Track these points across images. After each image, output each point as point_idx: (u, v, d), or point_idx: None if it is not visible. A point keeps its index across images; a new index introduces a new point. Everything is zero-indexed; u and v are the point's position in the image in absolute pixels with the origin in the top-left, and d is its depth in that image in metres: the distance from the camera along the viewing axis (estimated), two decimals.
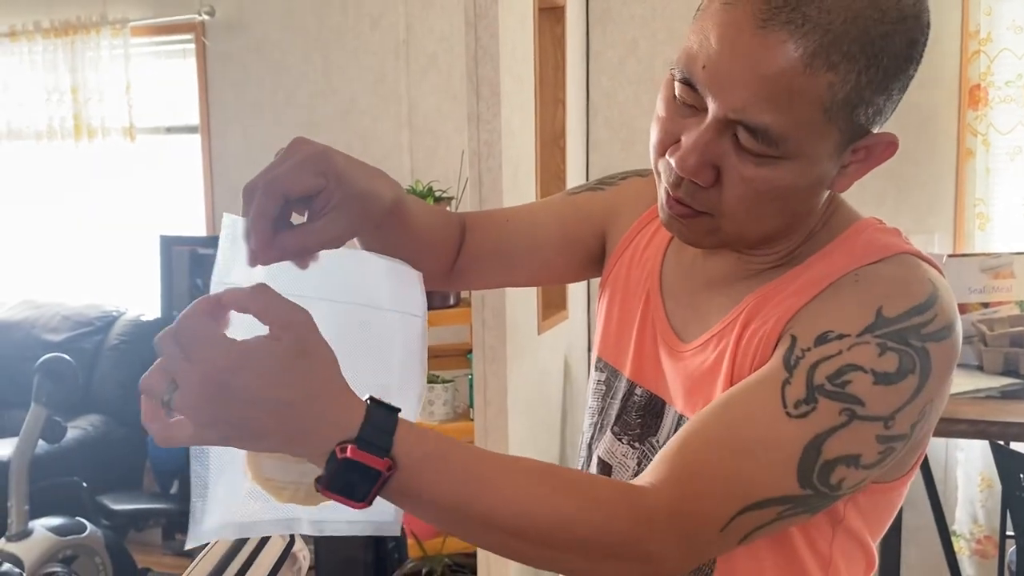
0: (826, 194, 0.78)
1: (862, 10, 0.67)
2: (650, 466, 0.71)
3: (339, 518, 0.72)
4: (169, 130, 3.88)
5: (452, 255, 0.98)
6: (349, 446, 0.60)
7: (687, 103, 0.73)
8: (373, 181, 0.75)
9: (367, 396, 0.64)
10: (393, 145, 3.40)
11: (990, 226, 2.82)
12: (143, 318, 3.80)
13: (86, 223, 3.92)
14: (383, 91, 3.40)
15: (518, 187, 2.35)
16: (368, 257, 0.77)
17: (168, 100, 3.82)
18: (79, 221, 3.94)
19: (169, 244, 3.79)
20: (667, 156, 0.74)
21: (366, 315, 0.74)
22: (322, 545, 3.14)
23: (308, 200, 0.71)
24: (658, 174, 0.78)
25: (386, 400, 0.64)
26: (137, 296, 3.88)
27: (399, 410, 0.64)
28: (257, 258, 0.69)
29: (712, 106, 0.70)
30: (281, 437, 0.61)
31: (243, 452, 0.69)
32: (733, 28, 0.68)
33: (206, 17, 3.59)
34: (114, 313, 3.84)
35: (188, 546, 0.68)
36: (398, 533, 0.74)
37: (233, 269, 0.69)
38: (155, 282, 3.80)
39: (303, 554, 0.88)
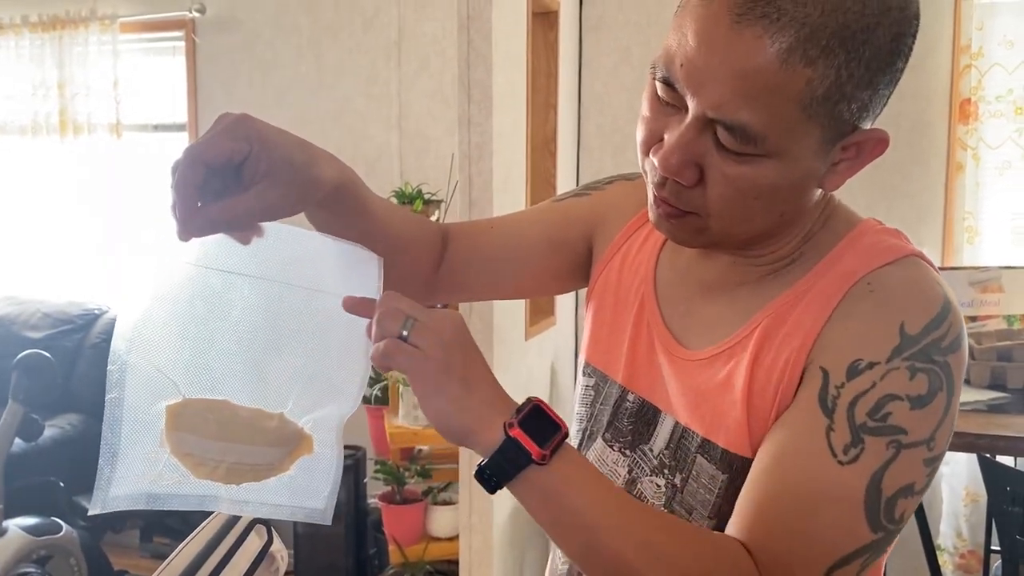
0: (818, 193, 0.76)
1: (841, 3, 0.65)
2: (731, 523, 0.72)
3: (264, 499, 0.71)
4: (157, 128, 3.84)
5: (432, 263, 0.96)
6: (516, 423, 0.69)
7: (669, 102, 0.72)
8: (308, 153, 0.73)
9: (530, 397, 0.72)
10: (383, 147, 3.38)
11: (979, 240, 2.83)
12: None
13: (70, 220, 3.88)
14: (374, 92, 3.38)
15: (508, 191, 2.33)
16: (319, 238, 0.75)
17: (156, 97, 3.79)
18: (63, 218, 3.89)
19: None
20: (651, 155, 0.73)
21: (305, 297, 0.73)
22: (302, 548, 3.11)
23: (237, 172, 0.69)
24: (645, 173, 0.77)
25: (325, 386, 0.69)
26: (119, 294, 3.83)
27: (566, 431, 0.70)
28: (185, 230, 0.68)
29: (691, 104, 0.69)
30: (474, 396, 0.70)
31: (161, 425, 0.69)
32: (710, 24, 0.67)
33: (196, 14, 3.56)
34: (96, 311, 3.79)
35: (91, 511, 0.68)
36: (328, 523, 0.73)
37: (169, 246, 0.68)
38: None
39: (281, 555, 0.85)
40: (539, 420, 0.70)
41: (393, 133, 3.36)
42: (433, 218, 2.69)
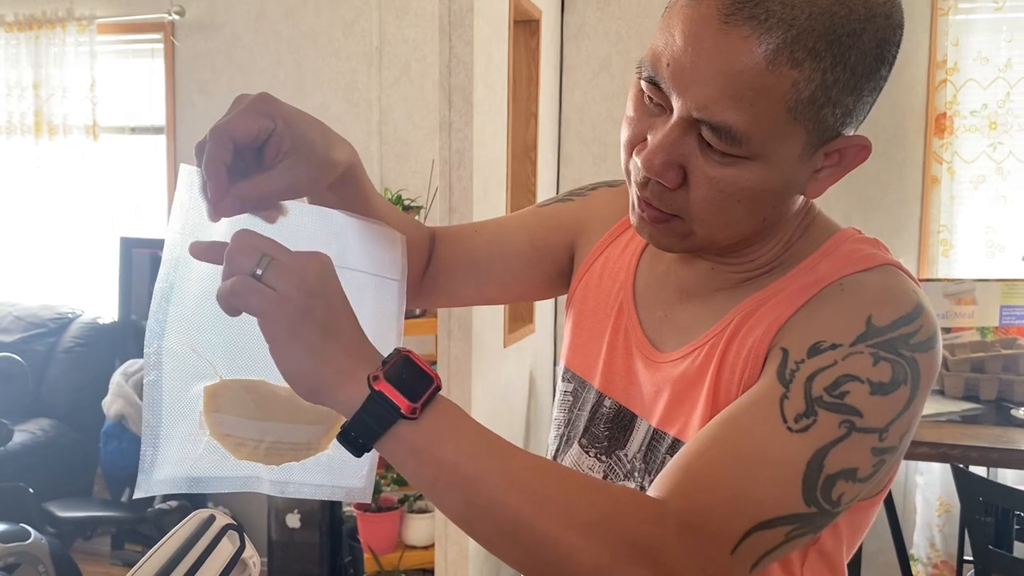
0: (799, 199, 0.76)
1: (828, 6, 0.65)
2: (654, 483, 0.68)
3: (304, 480, 0.70)
4: (134, 130, 3.81)
5: (420, 265, 0.96)
6: (381, 376, 0.62)
7: (654, 102, 0.71)
8: (325, 133, 0.74)
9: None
10: (363, 153, 3.36)
11: (953, 252, 2.86)
12: (99, 321, 3.71)
13: (44, 222, 3.83)
14: (354, 98, 3.37)
15: (488, 197, 2.33)
16: (342, 216, 0.75)
17: (134, 100, 3.75)
18: (37, 219, 3.84)
19: (129, 246, 3.71)
20: (634, 155, 0.73)
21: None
22: (276, 556, 3.07)
23: (261, 151, 0.69)
24: (628, 174, 0.76)
25: None
26: (94, 298, 3.79)
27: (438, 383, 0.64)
28: (217, 210, 0.67)
29: (676, 104, 0.68)
30: (335, 345, 0.63)
31: (200, 406, 0.67)
32: (697, 24, 0.67)
33: (176, 17, 3.54)
34: (69, 315, 3.74)
35: (136, 495, 0.66)
36: (368, 500, 0.72)
37: (197, 225, 0.68)
38: (113, 284, 3.71)
39: (254, 560, 0.84)
40: (409, 372, 0.63)
41: (373, 139, 3.35)
42: None
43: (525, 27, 2.76)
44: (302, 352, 0.62)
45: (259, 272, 0.62)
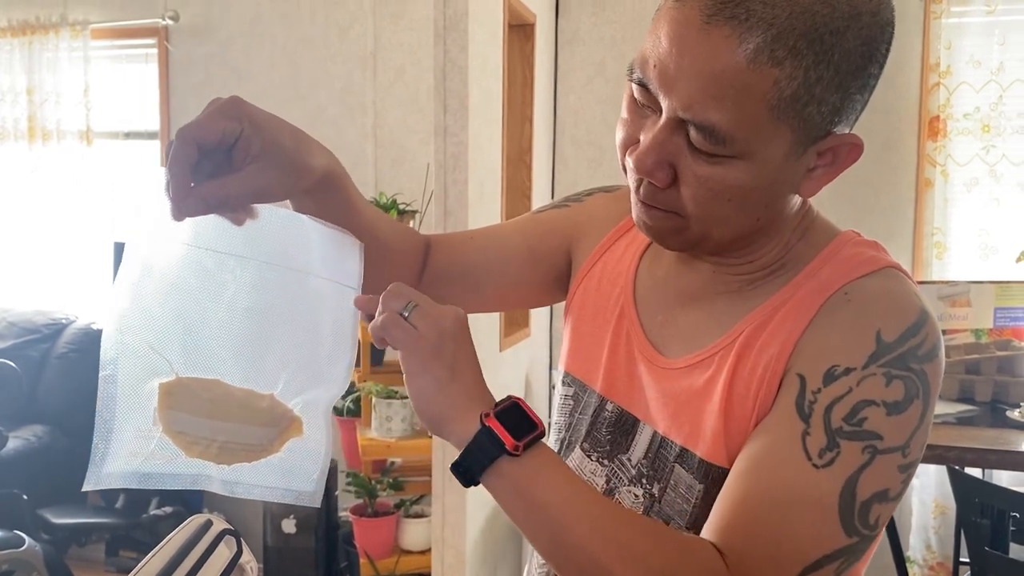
0: (794, 199, 0.77)
1: (810, 5, 0.66)
2: (706, 528, 0.72)
3: (255, 481, 0.71)
4: (128, 135, 3.80)
5: (415, 272, 0.96)
6: (492, 414, 0.70)
7: (645, 104, 0.73)
8: (298, 139, 0.75)
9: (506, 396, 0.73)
10: (358, 157, 3.36)
11: (947, 255, 2.87)
12: (94, 327, 3.69)
13: (38, 227, 3.82)
14: (350, 102, 3.37)
15: (484, 201, 2.33)
16: (306, 221, 0.76)
17: (128, 105, 3.75)
18: (30, 225, 3.83)
19: (123, 251, 3.70)
20: (627, 156, 0.74)
21: (296, 279, 0.74)
22: (272, 561, 3.07)
23: (230, 154, 0.70)
24: (626, 173, 0.78)
25: (314, 369, 0.71)
26: (88, 304, 3.78)
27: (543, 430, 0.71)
28: (179, 209, 0.68)
29: (664, 105, 0.70)
30: (457, 384, 0.72)
31: (154, 403, 0.68)
32: (681, 26, 0.68)
33: (170, 22, 3.54)
34: (63, 321, 3.73)
35: (84, 488, 0.67)
36: (317, 505, 0.73)
37: (160, 224, 0.69)
38: (107, 290, 3.70)
39: (251, 566, 0.84)
40: (517, 416, 0.71)
41: (368, 143, 3.35)
42: None
43: (520, 31, 2.76)
44: (430, 385, 0.72)
45: (405, 313, 0.72)
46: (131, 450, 0.68)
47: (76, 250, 3.78)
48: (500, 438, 0.69)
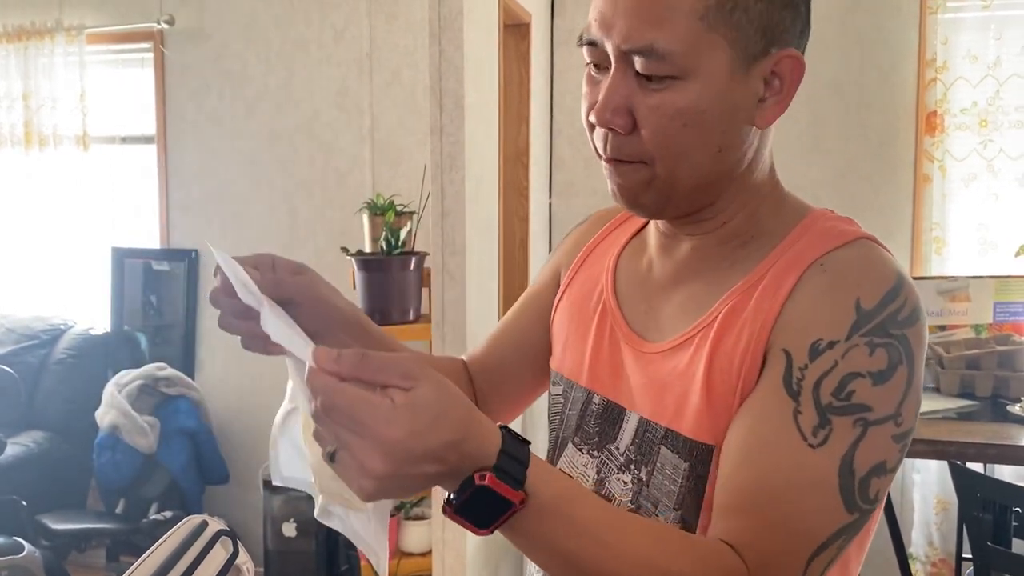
0: (752, 132, 0.79)
1: None
2: (713, 526, 0.72)
3: (346, 521, 0.74)
4: (124, 140, 3.79)
5: (469, 393, 1.01)
6: (488, 474, 0.61)
7: (597, 64, 0.78)
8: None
9: (498, 424, 0.64)
10: (355, 158, 3.36)
11: (946, 250, 2.86)
12: (92, 332, 3.69)
13: (35, 233, 3.81)
14: (346, 104, 3.37)
15: (481, 201, 2.32)
16: (281, 312, 0.76)
17: (124, 109, 3.74)
18: (28, 230, 3.82)
19: (121, 256, 3.70)
20: (590, 117, 0.79)
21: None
22: (272, 564, 3.06)
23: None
24: (595, 147, 0.81)
25: None
26: (86, 309, 3.77)
27: (530, 442, 0.65)
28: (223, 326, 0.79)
29: (609, 48, 0.75)
30: (443, 476, 0.61)
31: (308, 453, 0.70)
32: None
33: (165, 26, 3.53)
34: (61, 326, 3.72)
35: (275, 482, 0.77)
36: (380, 570, 0.74)
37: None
38: (105, 295, 3.70)
39: (247, 566, 0.83)
40: (483, 501, 0.62)
41: (364, 145, 3.35)
42: (406, 230, 2.67)
43: (515, 31, 2.76)
44: (406, 491, 0.63)
45: (331, 453, 0.63)
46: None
47: (74, 255, 3.77)
48: (503, 496, 0.62)
